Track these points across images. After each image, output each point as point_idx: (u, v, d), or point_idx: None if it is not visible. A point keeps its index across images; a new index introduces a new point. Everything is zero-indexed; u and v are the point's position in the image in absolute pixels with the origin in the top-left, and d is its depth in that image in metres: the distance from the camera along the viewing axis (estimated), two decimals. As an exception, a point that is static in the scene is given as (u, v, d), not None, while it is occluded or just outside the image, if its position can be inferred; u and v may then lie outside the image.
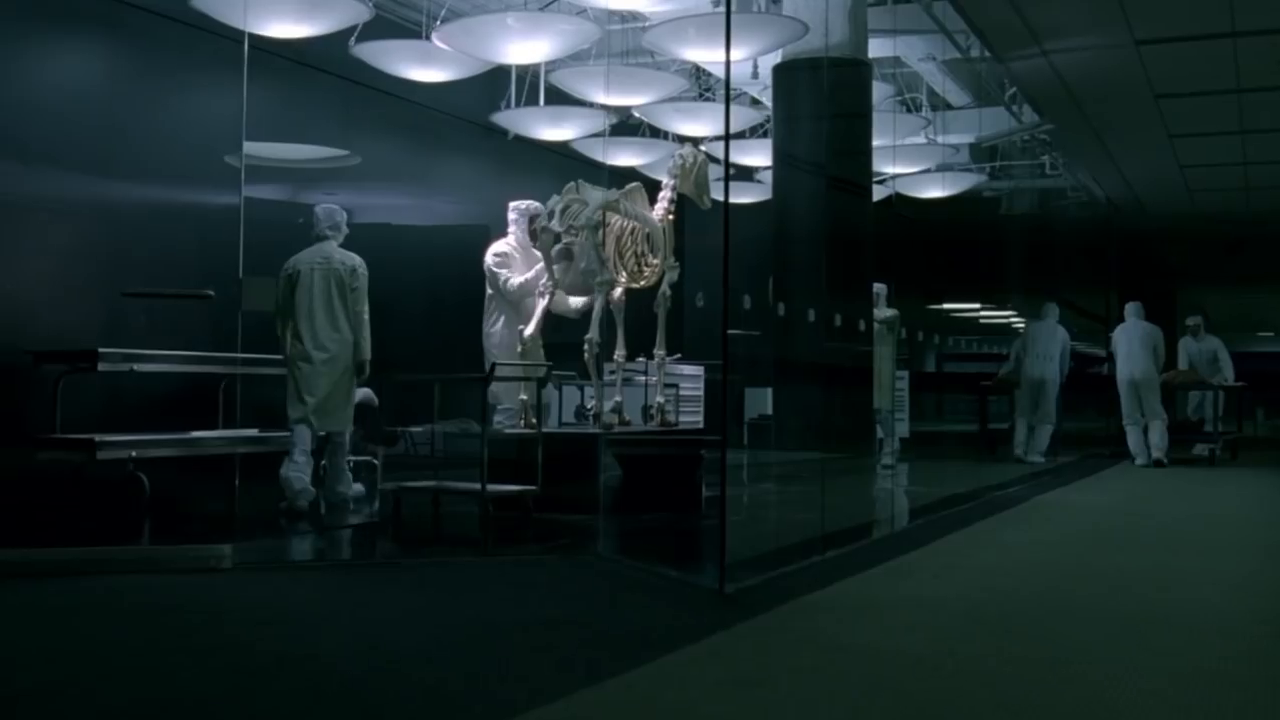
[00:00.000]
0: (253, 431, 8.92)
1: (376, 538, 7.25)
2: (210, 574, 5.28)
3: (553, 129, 11.70)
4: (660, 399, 9.32)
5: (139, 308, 8.45)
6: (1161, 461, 13.67)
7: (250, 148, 10.51)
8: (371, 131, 11.75)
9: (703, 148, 13.46)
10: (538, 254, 8.82)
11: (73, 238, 8.76)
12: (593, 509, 7.62)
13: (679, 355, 14.74)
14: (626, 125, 13.53)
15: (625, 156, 12.72)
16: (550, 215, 8.52)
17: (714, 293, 11.12)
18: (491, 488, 7.26)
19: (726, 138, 9.14)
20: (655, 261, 9.10)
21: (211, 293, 6.36)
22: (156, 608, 4.67)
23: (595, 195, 8.58)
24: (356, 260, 8.25)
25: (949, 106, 14.63)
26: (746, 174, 14.38)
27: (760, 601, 4.73)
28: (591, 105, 11.52)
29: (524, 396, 8.34)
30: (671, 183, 9.36)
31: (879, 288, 12.95)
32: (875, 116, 11.93)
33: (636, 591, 5.09)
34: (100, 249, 8.90)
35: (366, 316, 8.19)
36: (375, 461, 9.91)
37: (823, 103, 11.08)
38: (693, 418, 15.01)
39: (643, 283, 9.17)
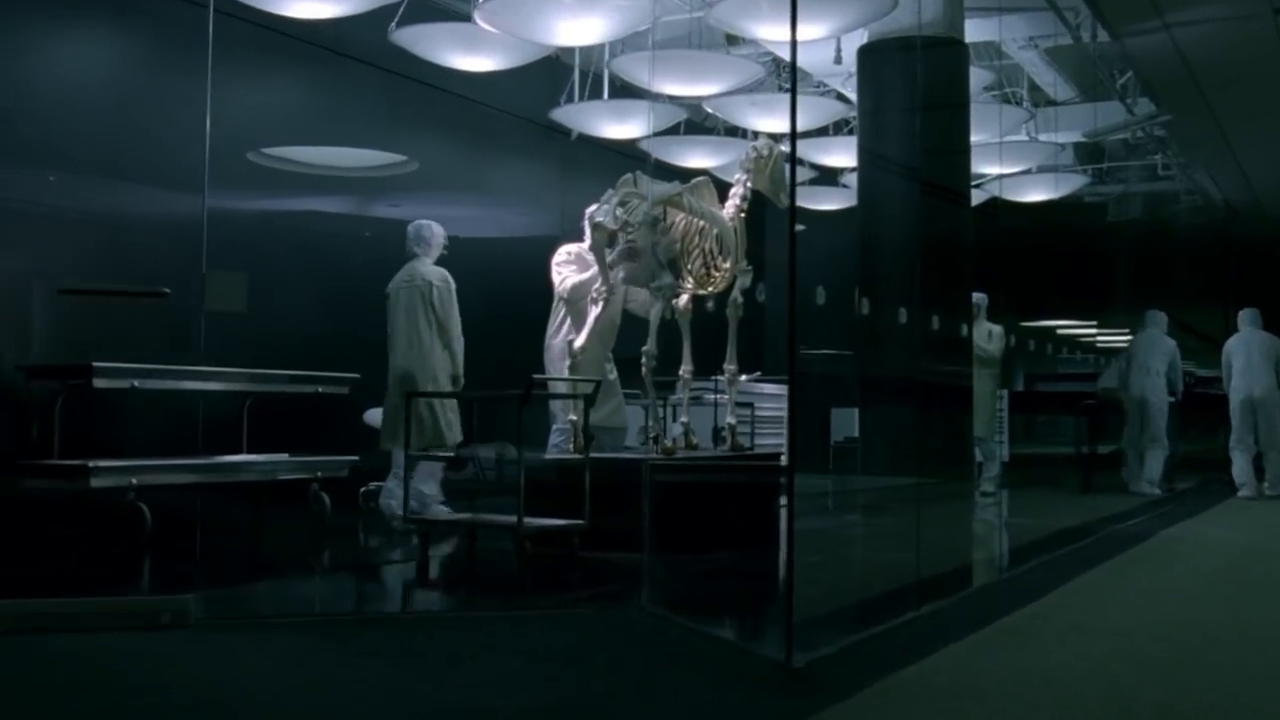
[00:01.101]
0: (282, 457, 8.04)
1: (389, 581, 6.27)
2: (166, 631, 4.32)
3: (617, 125, 10.69)
4: (731, 420, 8.28)
5: (145, 317, 7.57)
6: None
7: (288, 152, 9.75)
8: (417, 130, 10.81)
9: (783, 146, 12.50)
10: None
11: (73, 246, 7.92)
12: (650, 547, 6.57)
13: (759, 373, 13.76)
14: (701, 126, 12.51)
15: (698, 157, 11.67)
16: (605, 212, 7.53)
17: (834, 293, 10.04)
18: (531, 522, 6.28)
19: (793, 127, 8.07)
20: (725, 265, 8.07)
21: (168, 290, 5.42)
22: (76, 678, 3.72)
23: (654, 188, 7.57)
24: (436, 275, 8.15)
25: (1051, 102, 13.42)
26: (830, 177, 13.27)
27: (838, 679, 3.66)
28: (658, 98, 10.52)
29: (573, 416, 7.34)
30: (745, 178, 8.33)
31: (979, 298, 11.78)
32: (972, 108, 10.79)
33: (680, 663, 4.02)
34: (105, 258, 8.05)
35: (457, 330, 8.11)
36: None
37: (915, 91, 9.96)
38: (775, 440, 13.96)
39: (711, 289, 8.14)
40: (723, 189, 8.25)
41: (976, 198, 13.67)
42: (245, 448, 8.13)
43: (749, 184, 8.30)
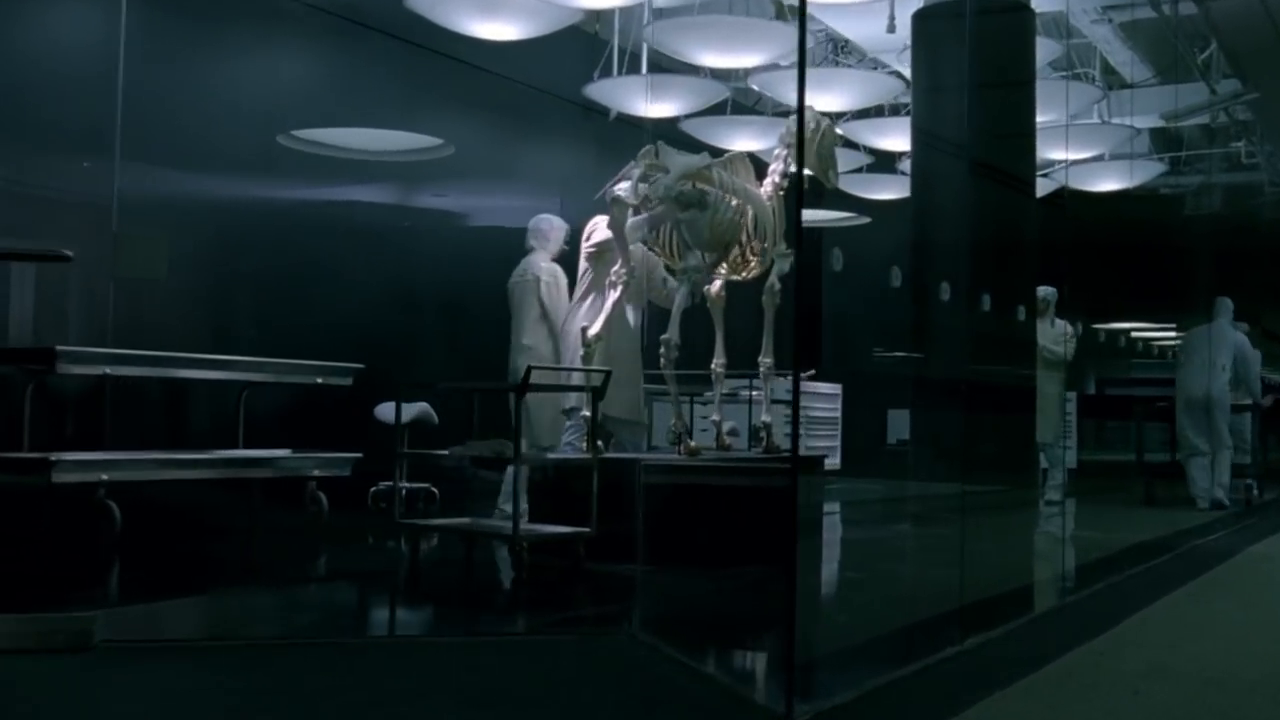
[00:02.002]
0: (278, 452, 7.41)
1: (360, 596, 5.56)
2: (66, 655, 3.65)
3: (655, 103, 9.93)
4: (766, 418, 7.53)
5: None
6: None
7: (312, 134, 9.13)
8: (443, 110, 10.11)
9: (840, 130, 11.66)
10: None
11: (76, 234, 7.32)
12: (658, 559, 5.81)
13: (813, 371, 12.96)
14: (747, 107, 11.73)
15: (744, 139, 10.88)
16: (627, 188, 6.80)
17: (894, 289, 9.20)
18: (530, 530, 5.58)
19: (800, 91, 7.29)
20: (764, 248, 7.33)
21: (70, 253, 4.75)
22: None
23: (679, 160, 6.82)
24: (544, 269, 7.80)
25: (1126, 85, 12.51)
26: (887, 162, 12.40)
27: (850, 739, 2.92)
28: (699, 72, 9.77)
29: (586, 412, 6.63)
30: (785, 153, 7.59)
31: (1046, 293, 10.91)
32: (1038, 86, 9.90)
33: (661, 708, 3.28)
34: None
35: (558, 327, 7.59)
36: (434, 490, 8.37)
37: (974, 63, 9.11)
38: (826, 443, 13.16)
39: (746, 275, 7.41)
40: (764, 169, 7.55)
41: (1044, 186, 12.79)
42: (241, 442, 7.53)
43: (789, 160, 7.56)
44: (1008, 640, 4.26)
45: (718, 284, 7.57)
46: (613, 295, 6.85)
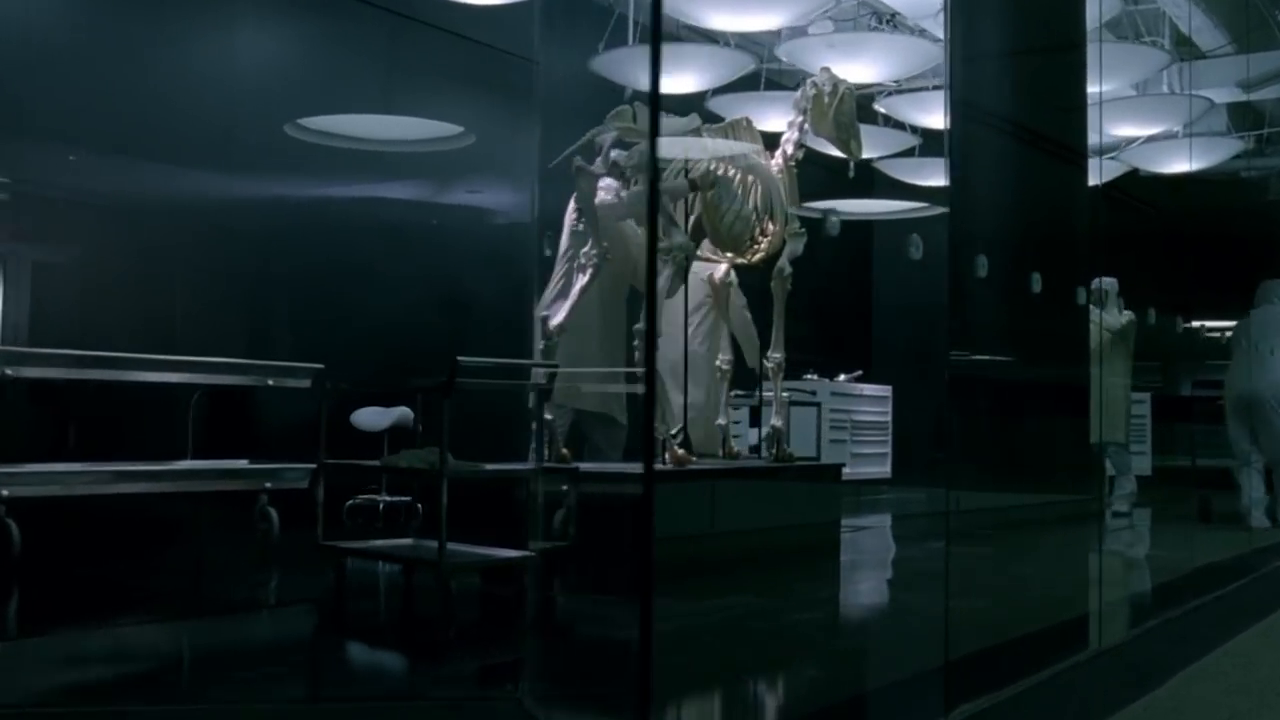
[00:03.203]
0: (240, 463, 6.60)
1: (226, 638, 4.63)
2: None
3: (666, 76, 8.96)
4: (777, 422, 6.60)
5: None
6: None
7: (326, 123, 8.28)
8: (427, 88, 9.20)
9: (880, 106, 10.65)
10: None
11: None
12: (620, 588, 4.88)
13: (860, 373, 11.96)
14: (778, 83, 10.71)
15: (771, 118, 9.88)
16: (596, 153, 5.92)
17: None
18: (459, 554, 4.70)
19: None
20: (772, 227, 6.42)
21: None
22: None
23: (667, 123, 5.92)
24: None
25: (1199, 56, 11.36)
26: (938, 143, 11.32)
27: None
28: (716, 41, 8.85)
29: (549, 415, 5.74)
30: (800, 119, 6.68)
31: (1107, 283, 9.85)
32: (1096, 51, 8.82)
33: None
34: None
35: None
36: (418, 505, 7.51)
37: (1018, 26, 8.07)
38: (874, 450, 12.14)
39: (753, 257, 6.50)
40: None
41: (1109, 170, 11.68)
42: (191, 452, 6.72)
43: (806, 127, 6.64)
44: (1009, 709, 3.26)
45: (722, 268, 6.68)
46: (581, 280, 5.95)
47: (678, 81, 8.92)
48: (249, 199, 7.74)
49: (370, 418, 7.22)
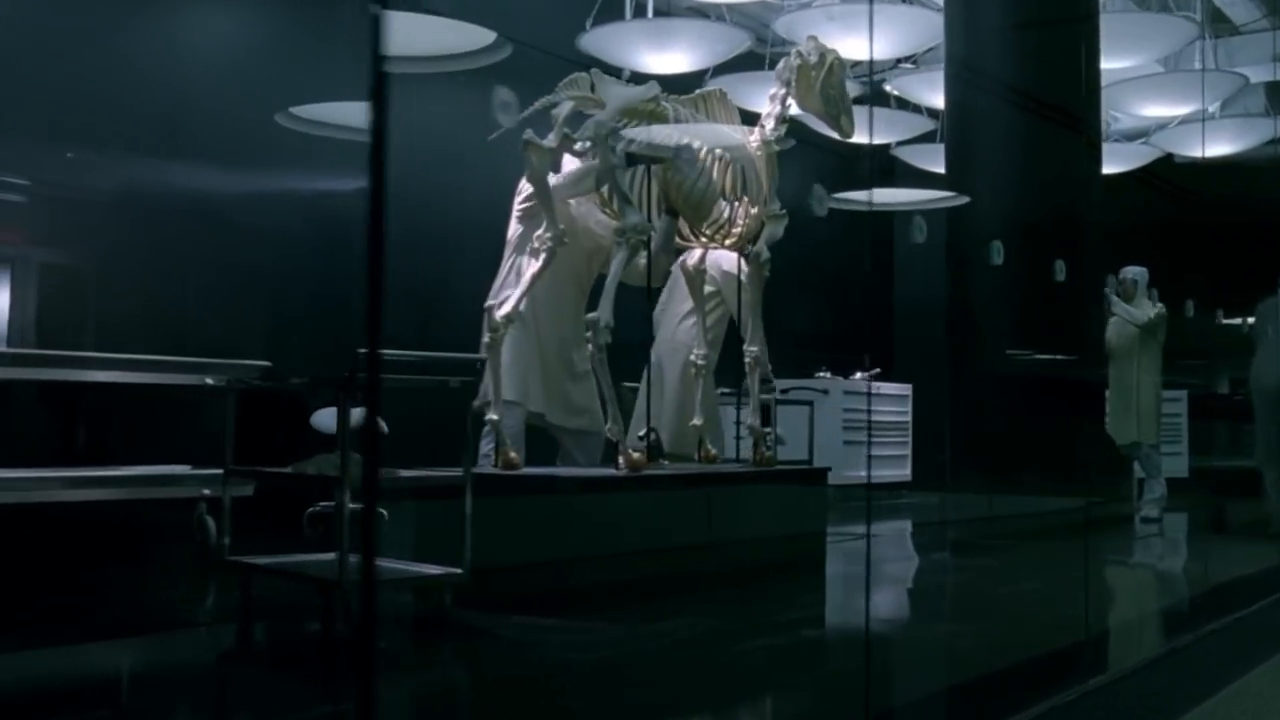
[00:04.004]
0: (181, 469, 6.08)
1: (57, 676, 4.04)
2: None
3: (656, 54, 8.40)
4: (754, 421, 6.01)
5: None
6: None
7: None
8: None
9: (892, 87, 9.98)
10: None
11: None
12: (555, 609, 4.32)
13: (878, 370, 11.31)
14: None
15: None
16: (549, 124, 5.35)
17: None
18: (392, 569, 4.17)
19: None
20: (750, 211, 5.86)
21: None
22: None
23: (619, 92, 5.34)
24: None
25: (1235, 32, 10.69)
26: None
27: None
28: (707, 15, 8.28)
29: (493, 415, 5.20)
30: (784, 92, 6.10)
31: (1134, 274, 9.21)
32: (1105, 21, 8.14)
33: None
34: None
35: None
36: (383, 512, 6.95)
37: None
38: (893, 452, 11.49)
39: (729, 242, 5.93)
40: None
41: (1142, 155, 11.01)
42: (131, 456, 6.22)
43: (789, 101, 6.07)
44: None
45: (697, 254, 6.10)
46: (533, 266, 5.38)
47: (666, 60, 8.34)
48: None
49: (329, 419, 6.69)
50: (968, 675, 3.59)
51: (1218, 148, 10.72)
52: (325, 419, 6.72)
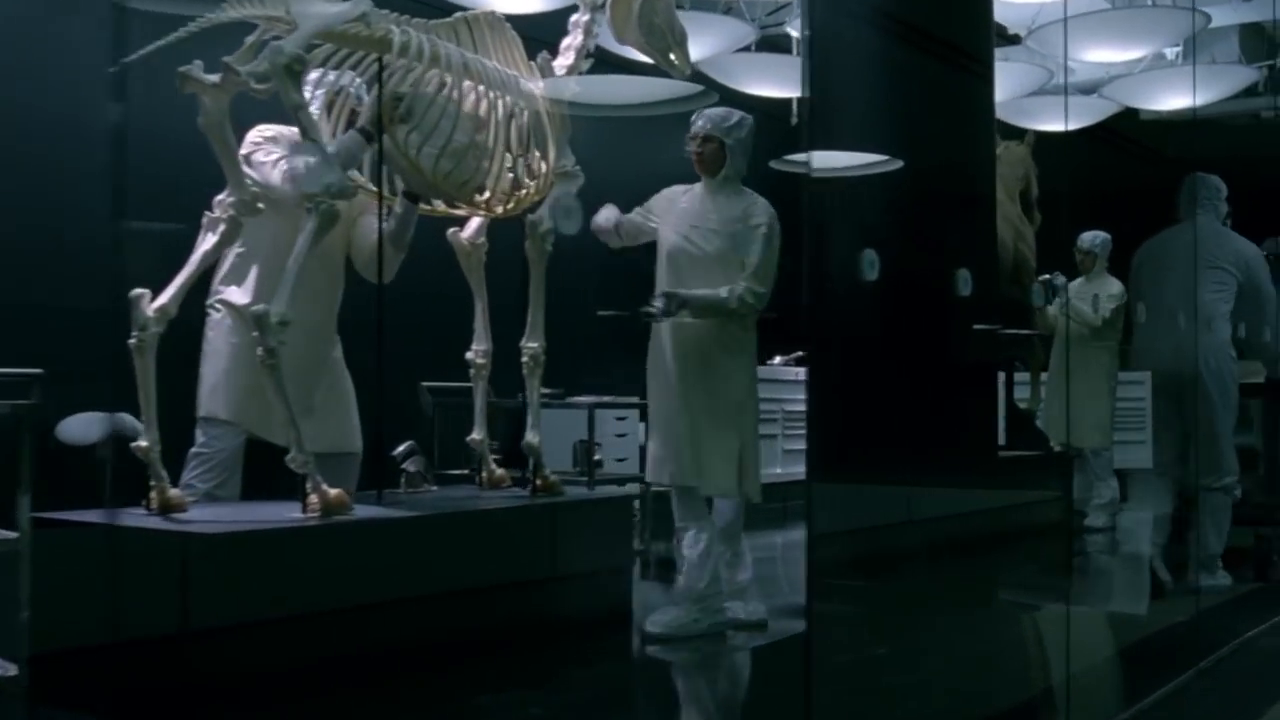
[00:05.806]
0: None
1: None
2: None
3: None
4: (532, 437, 4.74)
5: None
6: None
7: None
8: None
9: (790, 28, 8.46)
10: None
11: None
12: None
13: (801, 354, 10.03)
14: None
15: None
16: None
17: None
18: None
19: None
20: (541, 168, 4.61)
21: None
22: None
23: (310, 9, 4.00)
24: None
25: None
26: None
27: None
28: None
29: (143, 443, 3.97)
30: (587, 19, 4.85)
31: (1093, 240, 7.92)
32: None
33: None
34: None
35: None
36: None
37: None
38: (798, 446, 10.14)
39: (510, 206, 4.66)
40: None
41: (1097, 109, 9.70)
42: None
43: (596, 30, 4.82)
44: None
45: (474, 225, 4.84)
46: (206, 242, 4.08)
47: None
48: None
49: (78, 429, 5.46)
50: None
51: (1180, 100, 9.42)
52: (71, 430, 5.54)
